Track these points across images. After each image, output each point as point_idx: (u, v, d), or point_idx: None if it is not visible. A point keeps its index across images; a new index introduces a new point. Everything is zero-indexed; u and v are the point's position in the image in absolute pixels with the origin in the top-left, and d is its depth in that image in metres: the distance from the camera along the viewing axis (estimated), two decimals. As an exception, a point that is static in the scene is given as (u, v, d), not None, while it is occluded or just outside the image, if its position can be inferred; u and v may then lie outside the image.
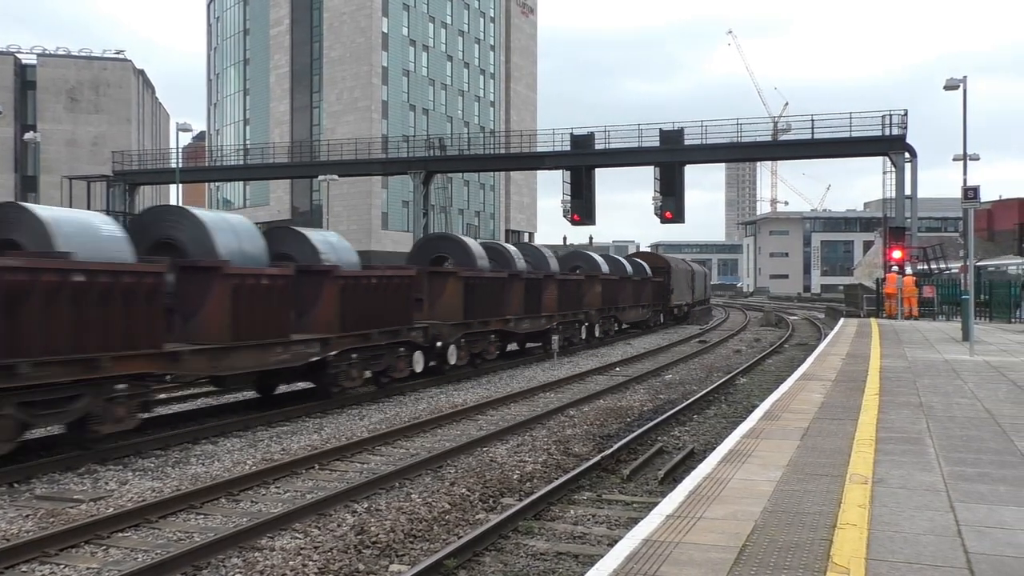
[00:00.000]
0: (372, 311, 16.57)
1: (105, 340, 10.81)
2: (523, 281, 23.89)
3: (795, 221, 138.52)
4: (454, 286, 20.32)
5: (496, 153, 57.88)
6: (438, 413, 15.68)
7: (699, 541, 5.48)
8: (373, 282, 16.68)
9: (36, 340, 10.03)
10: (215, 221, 13.88)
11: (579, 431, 14.04)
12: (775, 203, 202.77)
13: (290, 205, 78.92)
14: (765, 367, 24.73)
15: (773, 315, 51.20)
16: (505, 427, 13.93)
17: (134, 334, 11.22)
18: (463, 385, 20.12)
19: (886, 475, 7.12)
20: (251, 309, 13.37)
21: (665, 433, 13.88)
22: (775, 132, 54.86)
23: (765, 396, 14.14)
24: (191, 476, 10.84)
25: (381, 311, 16.87)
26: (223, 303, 12.91)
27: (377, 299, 16.73)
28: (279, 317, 14.04)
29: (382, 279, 17.01)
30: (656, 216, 45.98)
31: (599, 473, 10.91)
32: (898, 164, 42.42)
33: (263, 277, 13.68)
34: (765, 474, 7.21)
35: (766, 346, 32.37)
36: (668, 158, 45.84)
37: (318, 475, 11.00)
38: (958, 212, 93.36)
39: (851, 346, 20.76)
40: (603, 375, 22.46)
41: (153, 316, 11.50)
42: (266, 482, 10.45)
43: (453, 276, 20.53)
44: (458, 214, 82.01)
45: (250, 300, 13.36)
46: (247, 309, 13.28)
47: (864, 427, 9.38)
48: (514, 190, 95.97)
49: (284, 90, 79.86)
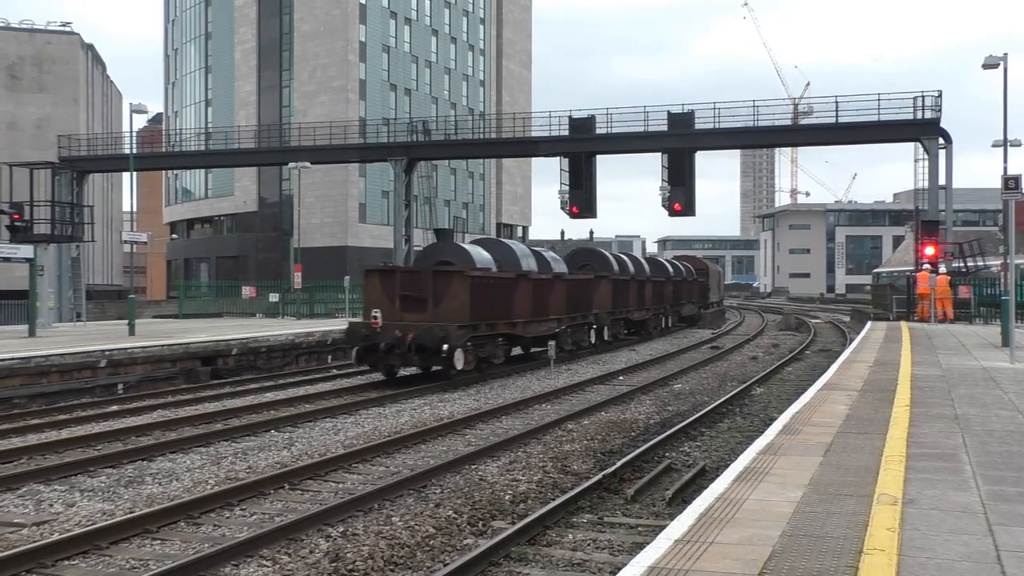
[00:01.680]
0: (578, 301, 28.81)
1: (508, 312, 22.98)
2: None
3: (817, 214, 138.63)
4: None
5: (486, 138, 57.87)
6: (422, 427, 15.67)
7: (711, 568, 5.49)
8: (573, 281, 28.87)
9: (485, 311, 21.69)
10: (517, 247, 27.54)
11: (578, 446, 14.04)
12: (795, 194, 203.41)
13: (257, 195, 78.78)
14: (784, 376, 24.76)
15: (793, 318, 51.34)
16: (496, 442, 13.93)
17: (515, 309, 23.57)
18: (449, 396, 20.11)
19: (918, 495, 7.14)
20: (522, 299, 24.43)
21: (674, 449, 13.89)
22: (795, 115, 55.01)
23: (784, 408, 14.17)
24: (146, 497, 10.81)
25: (579, 301, 29.03)
26: (527, 295, 24.51)
27: (578, 293, 28.98)
28: (547, 304, 26.10)
29: (576, 280, 29.27)
30: (664, 208, 45.94)
31: (600, 493, 10.90)
32: (931, 151, 42.52)
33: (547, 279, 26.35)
34: (784, 494, 7.23)
35: (785, 352, 32.43)
36: (677, 144, 45.85)
37: (288, 496, 10.98)
38: (997, 204, 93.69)
39: (879, 352, 20.82)
40: (605, 384, 22.49)
41: (529, 298, 24.32)
42: (230, 504, 10.44)
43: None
44: (444, 206, 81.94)
45: (541, 293, 25.52)
46: (522, 298, 24.34)
47: (893, 442, 9.41)
48: (506, 179, 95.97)
49: (250, 67, 79.69)
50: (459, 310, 21.12)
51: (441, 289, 21.26)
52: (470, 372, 21.65)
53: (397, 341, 20.57)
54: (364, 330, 21.14)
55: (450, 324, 20.56)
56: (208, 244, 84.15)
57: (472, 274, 21.76)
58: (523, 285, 24.46)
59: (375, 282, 21.69)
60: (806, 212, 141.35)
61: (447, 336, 20.27)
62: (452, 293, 21.18)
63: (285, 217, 74.10)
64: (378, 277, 21.79)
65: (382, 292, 21.48)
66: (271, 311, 44.12)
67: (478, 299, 21.60)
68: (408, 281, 21.56)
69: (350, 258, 71.05)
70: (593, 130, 47.88)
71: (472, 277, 21.59)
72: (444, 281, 21.31)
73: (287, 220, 71.60)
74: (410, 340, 20.45)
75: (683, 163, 45.61)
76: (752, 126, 46.17)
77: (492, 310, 22.45)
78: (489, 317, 22.31)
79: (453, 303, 21.15)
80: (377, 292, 21.54)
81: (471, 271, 22.07)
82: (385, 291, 21.49)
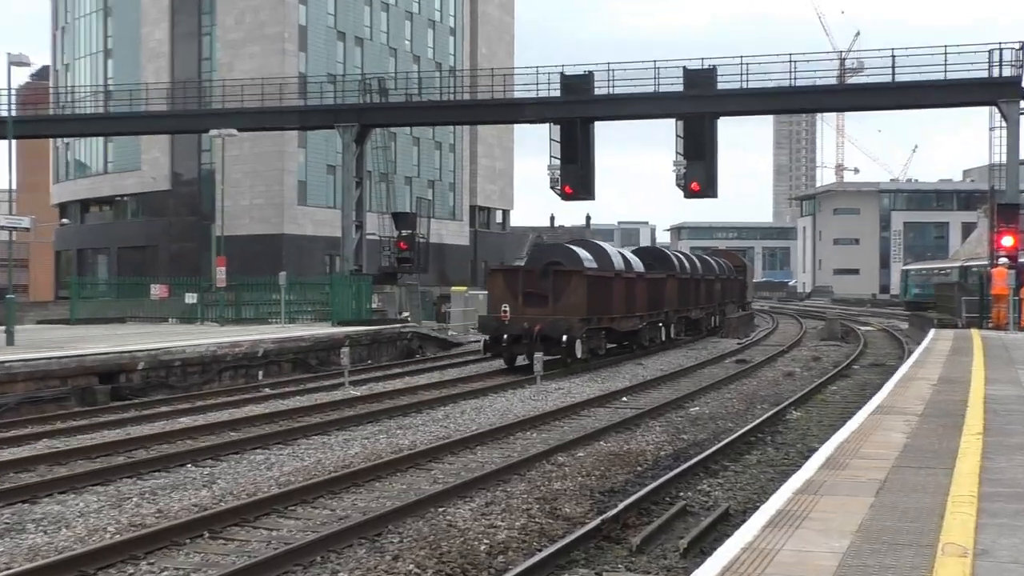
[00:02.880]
0: (655, 299, 36.51)
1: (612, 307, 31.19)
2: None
3: (869, 195, 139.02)
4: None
5: (458, 100, 57.80)
6: (375, 459, 15.66)
7: (736, 636, 5.49)
8: (651, 280, 36.44)
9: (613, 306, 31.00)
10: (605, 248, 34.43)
11: (570, 484, 14.04)
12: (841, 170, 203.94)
13: (170, 171, 78.40)
14: (827, 396, 24.86)
15: (838, 324, 51.57)
16: (469, 479, 13.92)
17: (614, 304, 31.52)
18: (410, 421, 20.10)
19: (992, 545, 7.16)
20: (621, 295, 32.54)
21: (690, 487, 13.92)
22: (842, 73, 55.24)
23: (826, 436, 14.21)
24: (27, 549, 10.73)
25: (655, 299, 36.68)
26: (621, 291, 31.88)
27: (654, 291, 36.53)
28: (634, 301, 33.86)
29: (653, 279, 36.70)
30: (678, 188, 46.05)
31: (599, 542, 10.91)
32: (1010, 116, 42.75)
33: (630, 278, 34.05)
34: (827, 543, 7.24)
35: (828, 367, 32.56)
36: (695, 108, 45.95)
37: (207, 547, 10.93)
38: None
39: (944, 367, 20.93)
40: (605, 407, 22.53)
41: (623, 295, 31.95)
42: (134, 557, 10.37)
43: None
44: (404, 184, 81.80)
45: (627, 289, 32.97)
46: (619, 295, 32.20)
47: (962, 479, 9.45)
48: (483, 152, 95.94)
49: (161, 10, 79.28)
50: (577, 305, 28.99)
51: (560, 287, 29.07)
52: (586, 360, 30.04)
53: (524, 332, 28.38)
54: (494, 323, 29.15)
55: (572, 317, 28.60)
56: (108, 231, 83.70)
57: (588, 273, 29.79)
58: (618, 283, 32.52)
59: (499, 281, 30.02)
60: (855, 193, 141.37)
61: (570, 328, 28.37)
62: (571, 290, 29.08)
63: (205, 198, 73.78)
64: (502, 276, 30.37)
65: (506, 289, 29.44)
66: (188, 315, 43.92)
67: (592, 296, 29.64)
68: (530, 280, 29.51)
69: (287, 249, 70.87)
70: (591, 91, 47.88)
71: (588, 276, 29.64)
72: (564, 280, 29.25)
73: (208, 202, 71.28)
74: (537, 332, 28.05)
75: (702, 132, 45.72)
76: (788, 86, 46.31)
77: (600, 306, 30.66)
78: (598, 312, 30.53)
79: (572, 299, 28.96)
80: (501, 290, 29.59)
81: (587, 271, 29.95)
82: (509, 289, 29.41)
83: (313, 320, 42.18)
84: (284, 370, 30.92)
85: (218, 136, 45.51)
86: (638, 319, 34.43)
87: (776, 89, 46.63)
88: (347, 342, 32.37)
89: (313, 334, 33.80)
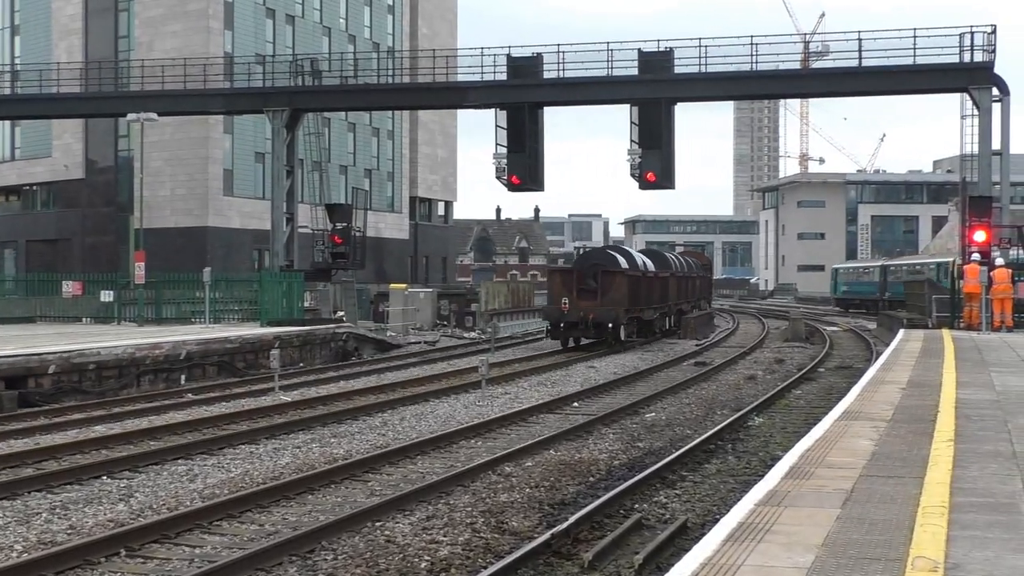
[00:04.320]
0: (662, 295, 46.66)
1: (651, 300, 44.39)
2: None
3: (835, 187, 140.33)
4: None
5: (397, 83, 57.63)
6: (308, 471, 15.59)
7: (694, 658, 5.51)
8: (660, 278, 46.83)
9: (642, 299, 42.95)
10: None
11: (518, 496, 14.06)
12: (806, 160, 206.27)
13: (83, 158, 77.46)
14: (791, 401, 25.07)
15: (802, 324, 52.00)
16: (408, 491, 13.90)
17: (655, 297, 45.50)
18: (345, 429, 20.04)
19: (965, 559, 7.24)
20: (647, 291, 44.14)
21: (645, 499, 13.98)
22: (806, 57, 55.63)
23: (791, 444, 14.31)
24: (-73, 570, 10.57)
25: (663, 294, 46.95)
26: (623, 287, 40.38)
27: (663, 288, 46.87)
28: (652, 295, 45.06)
29: (660, 277, 46.63)
30: (633, 178, 46.25)
31: (548, 558, 10.93)
32: (982, 104, 43.24)
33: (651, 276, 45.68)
34: (791, 558, 7.28)
35: (792, 370, 32.87)
36: (651, 93, 46.17)
37: (124, 566, 10.84)
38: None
39: (914, 370, 21.15)
40: (555, 413, 22.57)
41: (647, 290, 44.20)
42: (44, 578, 10.25)
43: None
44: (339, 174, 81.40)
45: (646, 287, 44.16)
46: (645, 290, 43.58)
47: (933, 488, 9.55)
48: (423, 139, 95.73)
49: (74, -17, 78.39)
50: (621, 299, 39.63)
51: (607, 284, 39.69)
52: (631, 341, 41.30)
53: (580, 319, 38.88)
54: (556, 312, 39.63)
55: (618, 308, 38.99)
56: (15, 223, 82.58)
57: (629, 273, 41.43)
58: (644, 281, 43.67)
59: (557, 279, 41.61)
60: (820, 185, 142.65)
61: (617, 317, 38.72)
62: (616, 287, 39.75)
63: (122, 187, 72.98)
64: (559, 275, 42.33)
65: (562, 286, 40.15)
66: (103, 314, 43.47)
67: (632, 291, 40.76)
68: (583, 278, 40.22)
69: (212, 243, 70.26)
70: (540, 74, 47.91)
71: (629, 276, 41.15)
72: (609, 279, 39.96)
73: (125, 191, 70.55)
74: (591, 319, 38.56)
75: (658, 119, 45.90)
76: (749, 71, 46.63)
77: (635, 299, 41.37)
78: (636, 304, 41.43)
79: (617, 294, 39.60)
80: (559, 286, 40.47)
81: (629, 271, 41.60)
82: (565, 286, 40.05)
83: (240, 320, 41.88)
84: (208, 374, 30.69)
85: (136, 121, 45.05)
86: (654, 310, 45.07)
87: (737, 74, 46.89)
88: (277, 344, 32.18)
89: (240, 335, 33.57)
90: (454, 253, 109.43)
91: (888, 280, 77.27)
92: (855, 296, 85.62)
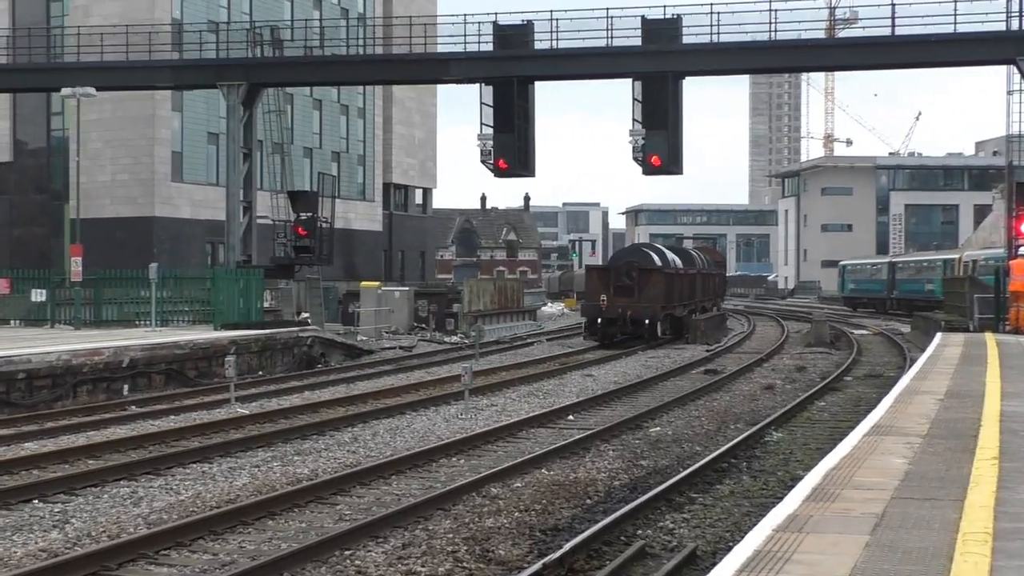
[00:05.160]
0: (691, 292, 54.37)
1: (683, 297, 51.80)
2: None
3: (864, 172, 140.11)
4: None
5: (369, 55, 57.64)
6: (268, 493, 15.55)
7: None
8: (689, 276, 54.36)
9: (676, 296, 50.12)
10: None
11: (505, 521, 14.05)
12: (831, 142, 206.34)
13: (11, 139, 77.19)
14: (813, 414, 25.10)
15: (826, 328, 52.04)
16: (382, 515, 13.89)
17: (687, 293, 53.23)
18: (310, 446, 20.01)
19: (1011, 590, 7.23)
20: (679, 288, 51.06)
21: (650, 524, 13.99)
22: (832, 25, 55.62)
23: (813, 462, 14.31)
24: None
25: (691, 292, 54.56)
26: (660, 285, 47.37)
27: (691, 285, 54.38)
28: (683, 293, 52.18)
29: (688, 274, 53.85)
30: (636, 163, 46.23)
31: (540, 592, 10.91)
32: (1030, 79, 43.31)
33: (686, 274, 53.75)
34: (815, 591, 7.27)
35: (815, 379, 32.89)
36: (655, 66, 46.17)
37: (59, 601, 10.78)
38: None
39: (953, 379, 21.18)
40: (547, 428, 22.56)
41: (679, 288, 51.17)
42: (-33, 615, 10.24)
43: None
44: (304, 157, 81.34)
45: (679, 283, 51.20)
46: (677, 288, 50.58)
47: (975, 512, 9.54)
48: (399, 118, 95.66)
49: (2, -60, 78.22)
50: (657, 296, 45.57)
51: (643, 282, 45.35)
52: (667, 336, 46.94)
53: (618, 316, 45.03)
54: (594, 309, 45.97)
55: (655, 305, 44.94)
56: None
57: (665, 271, 47.23)
58: (677, 278, 49.44)
59: (595, 276, 48.65)
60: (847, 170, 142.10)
61: (654, 314, 44.67)
62: (652, 284, 45.62)
63: (56, 172, 72.75)
64: (596, 273, 49.66)
65: (599, 284, 46.47)
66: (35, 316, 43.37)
67: (667, 289, 46.44)
68: (619, 276, 45.97)
69: (159, 235, 70.07)
70: (530, 45, 47.87)
71: (665, 273, 47.07)
72: (646, 276, 45.65)
73: (59, 177, 70.29)
74: (629, 316, 44.67)
75: (664, 96, 45.88)
76: (768, 40, 46.56)
77: (669, 296, 46.94)
78: (670, 301, 46.99)
79: (653, 291, 45.49)
80: (596, 283, 46.91)
81: (666, 269, 47.56)
82: (602, 283, 46.27)
83: (191, 322, 41.79)
84: (155, 384, 30.63)
85: (72, 97, 44.88)
86: (684, 307, 50.63)
87: (753, 44, 46.81)
88: (233, 349, 32.13)
89: (191, 339, 33.50)
90: (433, 247, 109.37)
91: (896, 278, 77.38)
92: (863, 295, 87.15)
